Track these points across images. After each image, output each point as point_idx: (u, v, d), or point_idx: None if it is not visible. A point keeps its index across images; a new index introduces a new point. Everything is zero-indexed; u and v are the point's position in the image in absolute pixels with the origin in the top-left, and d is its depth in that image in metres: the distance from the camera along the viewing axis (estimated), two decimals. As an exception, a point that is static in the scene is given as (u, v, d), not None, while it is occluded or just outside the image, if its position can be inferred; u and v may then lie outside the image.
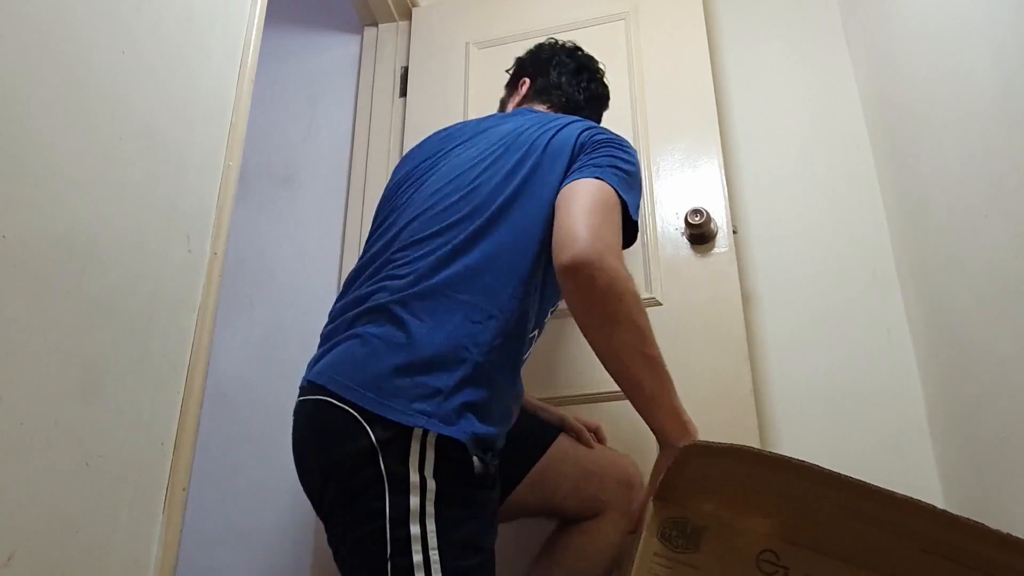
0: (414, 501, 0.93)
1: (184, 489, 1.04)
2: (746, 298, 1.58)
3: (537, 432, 1.27)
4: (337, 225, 1.94)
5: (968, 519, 0.67)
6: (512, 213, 1.09)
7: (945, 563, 0.71)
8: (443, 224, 1.08)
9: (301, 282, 1.92)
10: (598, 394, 1.46)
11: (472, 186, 1.11)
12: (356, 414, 0.96)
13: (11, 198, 0.81)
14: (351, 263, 1.23)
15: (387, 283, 1.05)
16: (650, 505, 0.80)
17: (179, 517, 1.03)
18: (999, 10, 1.08)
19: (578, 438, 1.28)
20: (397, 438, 0.95)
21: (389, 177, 1.34)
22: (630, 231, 1.12)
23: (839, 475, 0.72)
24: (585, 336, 1.04)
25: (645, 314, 1.02)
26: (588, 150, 1.13)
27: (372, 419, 0.96)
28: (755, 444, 1.35)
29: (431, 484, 0.94)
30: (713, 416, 1.35)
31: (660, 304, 1.55)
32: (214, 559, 1.68)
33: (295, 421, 1.05)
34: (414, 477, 0.94)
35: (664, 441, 1.03)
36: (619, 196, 1.07)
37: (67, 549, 0.85)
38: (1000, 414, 1.14)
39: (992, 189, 1.12)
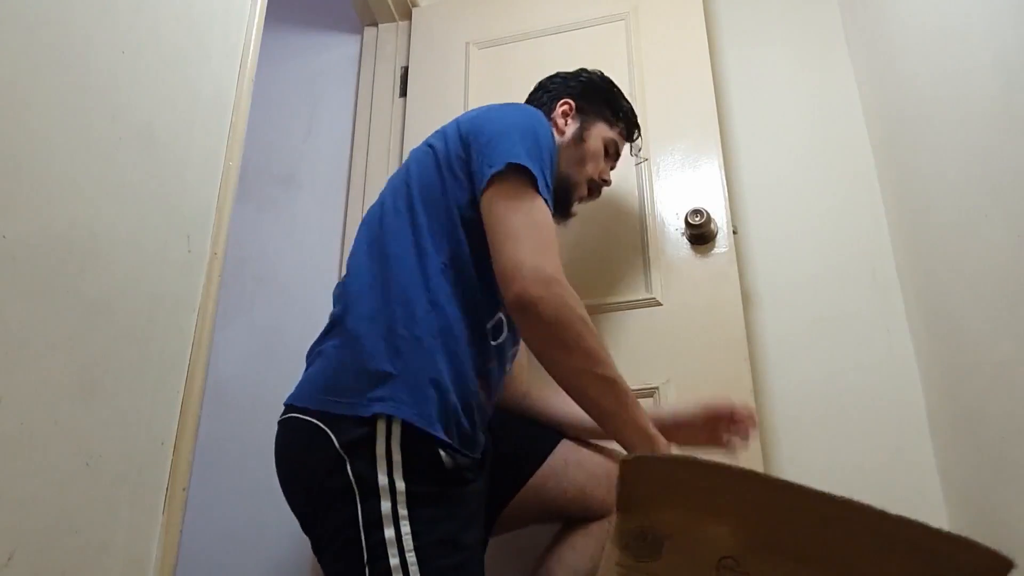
0: (385, 505, 0.93)
1: (184, 489, 1.04)
2: (746, 298, 1.58)
3: (537, 439, 1.26)
4: (337, 225, 1.94)
5: (914, 520, 0.69)
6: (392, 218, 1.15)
7: (899, 559, 0.72)
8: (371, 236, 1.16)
9: (301, 282, 1.92)
10: None
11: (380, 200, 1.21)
12: (319, 423, 0.99)
13: (11, 198, 0.81)
14: (351, 263, 1.24)
15: (340, 296, 1.13)
16: (613, 516, 0.81)
17: (179, 517, 1.03)
18: (999, 11, 1.08)
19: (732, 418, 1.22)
20: (362, 440, 0.96)
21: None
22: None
23: (784, 481, 0.75)
24: (540, 363, 1.06)
25: (595, 335, 1.03)
26: (477, 144, 1.13)
27: (333, 423, 0.98)
28: (755, 444, 1.35)
29: (400, 485, 0.94)
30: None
31: (660, 304, 1.55)
32: (214, 559, 1.68)
33: (274, 446, 1.08)
34: (383, 480, 0.94)
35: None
36: (533, 185, 1.06)
37: (67, 549, 0.85)
38: (1000, 415, 1.14)
39: (992, 189, 1.12)
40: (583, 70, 1.45)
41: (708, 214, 1.56)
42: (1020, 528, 1.10)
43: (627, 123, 1.43)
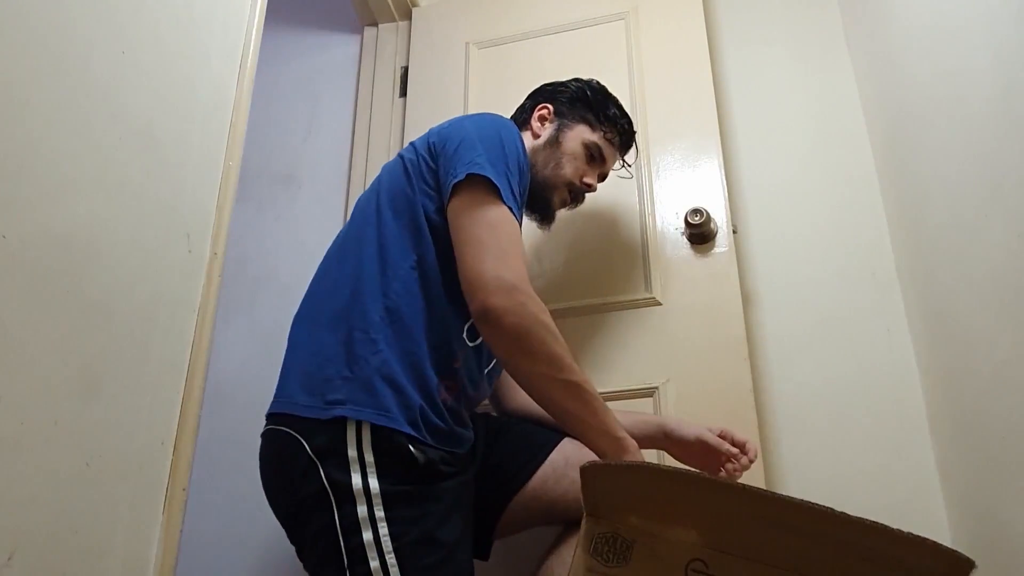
0: (361, 508, 0.94)
1: (184, 489, 1.04)
2: (746, 298, 1.58)
3: (538, 439, 1.25)
4: (337, 225, 1.93)
5: (874, 522, 0.69)
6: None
7: (861, 563, 0.73)
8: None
9: (301, 282, 1.90)
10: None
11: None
12: (290, 431, 1.01)
13: (11, 198, 0.81)
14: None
15: (307, 296, 1.21)
16: (583, 521, 0.82)
17: (179, 517, 1.03)
18: (999, 11, 1.08)
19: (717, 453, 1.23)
20: (332, 444, 0.98)
21: None
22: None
23: (742, 486, 0.75)
24: (506, 371, 1.09)
25: (559, 341, 1.05)
26: (444, 155, 1.15)
27: (304, 430, 1.00)
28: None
29: (375, 487, 0.95)
30: (713, 416, 1.35)
31: (660, 304, 1.55)
32: (214, 559, 1.68)
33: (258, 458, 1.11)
34: (357, 482, 0.95)
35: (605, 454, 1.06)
36: (495, 194, 1.08)
37: (67, 549, 0.85)
38: (1000, 414, 1.14)
39: (992, 189, 1.12)
40: (575, 78, 1.44)
41: (708, 214, 1.56)
42: (1020, 528, 1.10)
43: (614, 128, 1.39)
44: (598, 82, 1.43)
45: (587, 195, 1.41)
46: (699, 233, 1.57)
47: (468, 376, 1.13)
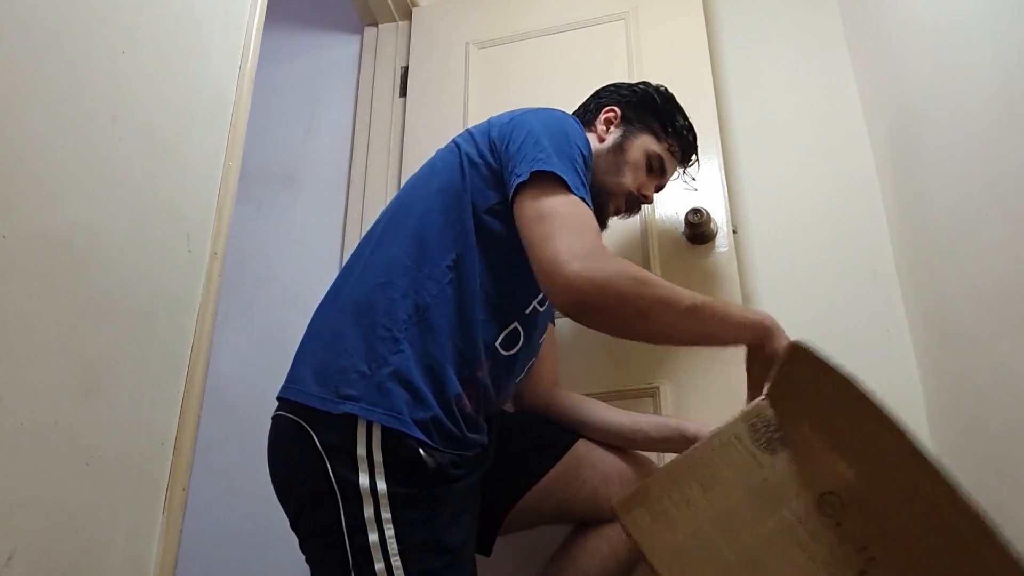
0: (368, 509, 0.93)
1: (184, 489, 1.04)
2: (746, 298, 1.58)
3: (552, 438, 1.25)
4: (337, 225, 1.94)
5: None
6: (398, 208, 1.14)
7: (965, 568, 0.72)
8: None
9: (301, 282, 1.92)
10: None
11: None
12: (301, 421, 0.99)
13: (11, 198, 0.81)
14: (351, 263, 1.25)
15: (341, 276, 1.15)
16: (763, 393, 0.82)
17: (179, 517, 1.03)
18: (999, 10, 1.08)
19: None
20: (342, 442, 0.95)
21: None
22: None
23: (919, 453, 0.73)
24: (632, 340, 1.07)
25: (656, 283, 0.96)
26: (507, 154, 1.09)
27: (314, 421, 0.98)
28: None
29: (382, 488, 0.93)
30: (713, 417, 1.34)
31: (660, 304, 1.55)
32: (214, 559, 1.68)
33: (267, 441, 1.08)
34: (364, 482, 0.93)
35: (751, 347, 1.01)
36: (563, 186, 1.01)
37: (67, 549, 0.85)
38: (1000, 414, 1.14)
39: (992, 189, 1.12)
40: (644, 82, 1.37)
41: (708, 213, 1.55)
42: (1020, 528, 1.10)
43: (679, 141, 1.33)
44: (666, 88, 1.37)
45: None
46: (699, 233, 1.56)
47: (494, 383, 1.09)
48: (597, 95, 1.37)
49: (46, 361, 0.84)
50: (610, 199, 1.25)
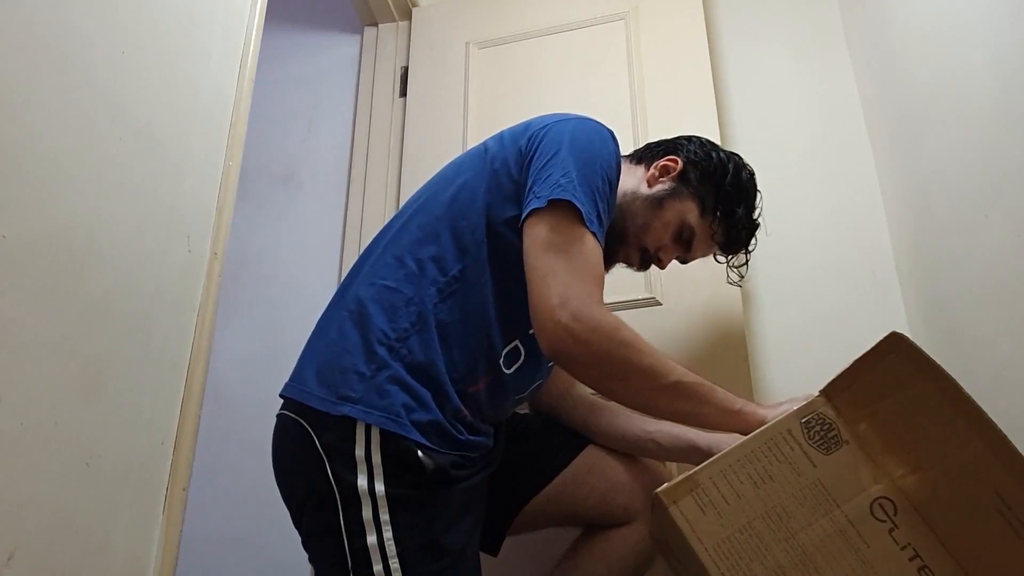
0: (367, 510, 0.93)
1: (184, 489, 1.04)
2: (746, 298, 1.58)
3: (562, 443, 1.24)
4: (337, 225, 1.94)
5: None
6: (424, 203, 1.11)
7: None
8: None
9: (301, 282, 1.92)
10: None
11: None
12: (302, 421, 0.99)
13: (11, 198, 0.81)
14: (351, 263, 1.24)
15: (350, 273, 1.13)
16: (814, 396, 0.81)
17: (179, 517, 1.03)
18: (998, 11, 1.08)
19: None
20: (341, 443, 0.95)
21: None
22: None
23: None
24: (607, 399, 1.02)
25: (643, 351, 0.96)
26: (534, 168, 1.05)
27: (314, 421, 0.98)
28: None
29: (381, 490, 0.93)
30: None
31: (660, 304, 1.55)
32: (214, 559, 1.68)
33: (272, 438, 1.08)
34: (363, 484, 0.93)
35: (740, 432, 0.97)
36: (578, 219, 0.98)
37: (67, 549, 0.85)
38: (1000, 414, 1.14)
39: (992, 189, 1.12)
40: (735, 155, 1.27)
41: (708, 214, 1.55)
42: (1020, 528, 1.09)
43: (726, 228, 1.20)
44: (752, 174, 1.26)
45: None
46: (699, 233, 1.56)
47: (490, 399, 1.07)
48: (676, 139, 1.26)
49: (46, 361, 0.84)
50: (624, 246, 1.18)
